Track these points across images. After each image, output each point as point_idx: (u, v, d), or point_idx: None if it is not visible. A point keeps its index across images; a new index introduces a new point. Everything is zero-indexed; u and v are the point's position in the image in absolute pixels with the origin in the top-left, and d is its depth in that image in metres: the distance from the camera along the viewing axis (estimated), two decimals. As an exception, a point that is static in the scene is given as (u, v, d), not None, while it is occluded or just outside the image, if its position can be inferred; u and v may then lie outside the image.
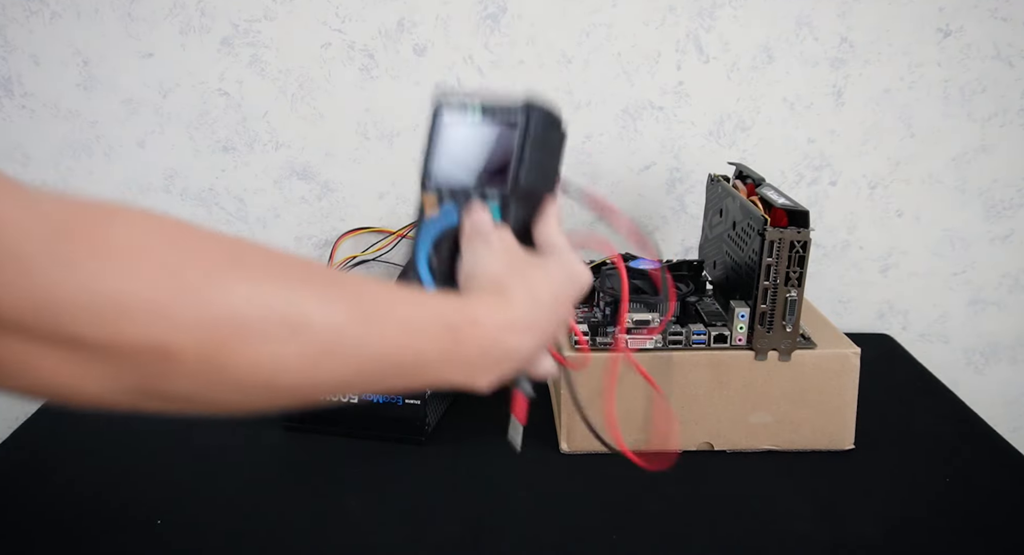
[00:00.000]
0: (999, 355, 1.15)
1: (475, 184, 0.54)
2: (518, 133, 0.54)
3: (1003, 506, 0.75)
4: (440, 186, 0.55)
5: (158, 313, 0.31)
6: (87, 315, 0.29)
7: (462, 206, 0.54)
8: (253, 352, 0.34)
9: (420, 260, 0.53)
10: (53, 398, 0.32)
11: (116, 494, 0.76)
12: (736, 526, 0.72)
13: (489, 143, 0.55)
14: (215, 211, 1.09)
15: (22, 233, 0.27)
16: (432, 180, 0.56)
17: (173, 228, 0.33)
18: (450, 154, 0.56)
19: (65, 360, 0.30)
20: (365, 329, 0.38)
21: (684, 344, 0.79)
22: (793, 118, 1.06)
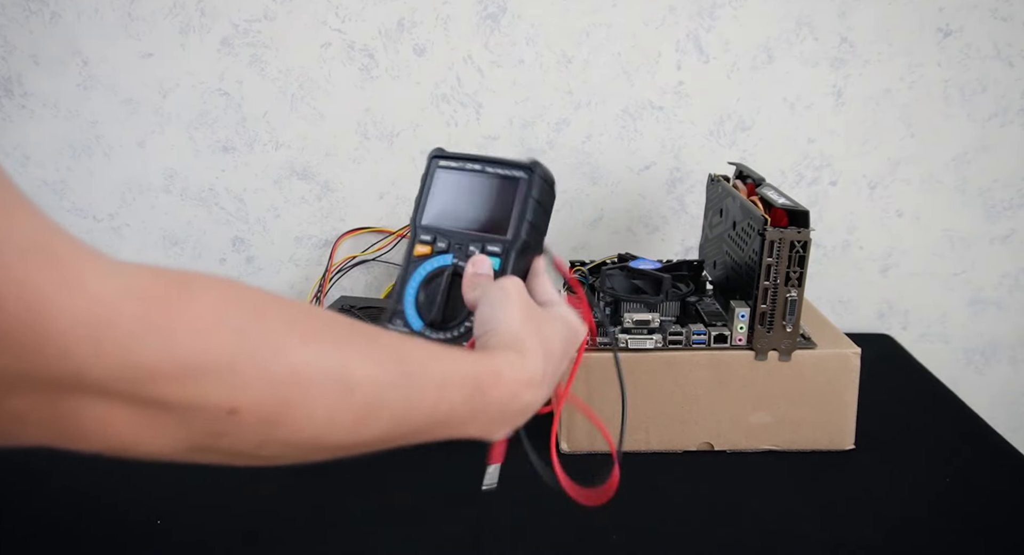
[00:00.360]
0: (999, 355, 1.15)
1: (474, 232, 0.56)
2: (522, 189, 0.56)
3: (1003, 506, 0.75)
4: (433, 229, 0.57)
5: (231, 375, 0.33)
6: (169, 378, 0.32)
7: (456, 251, 0.56)
8: (308, 411, 0.37)
9: (408, 296, 0.56)
10: (118, 453, 0.34)
11: (116, 494, 0.76)
12: (736, 526, 0.72)
13: (486, 194, 0.57)
14: (215, 211, 1.09)
15: (111, 306, 0.30)
16: (424, 222, 0.58)
17: (244, 295, 0.36)
18: (444, 199, 0.58)
19: (141, 419, 0.33)
20: (407, 386, 0.41)
21: (684, 344, 0.79)
22: (793, 118, 1.06)
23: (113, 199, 1.08)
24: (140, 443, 0.33)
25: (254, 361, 0.34)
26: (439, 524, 0.71)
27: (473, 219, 0.57)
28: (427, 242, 0.57)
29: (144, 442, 0.33)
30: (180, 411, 0.33)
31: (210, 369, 0.33)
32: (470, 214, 0.57)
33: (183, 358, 0.32)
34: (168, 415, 0.33)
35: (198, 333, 0.32)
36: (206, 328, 0.33)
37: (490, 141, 1.06)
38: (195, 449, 0.35)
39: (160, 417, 0.33)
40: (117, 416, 0.32)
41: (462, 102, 1.05)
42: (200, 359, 0.32)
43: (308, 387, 0.36)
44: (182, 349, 0.32)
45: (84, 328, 0.29)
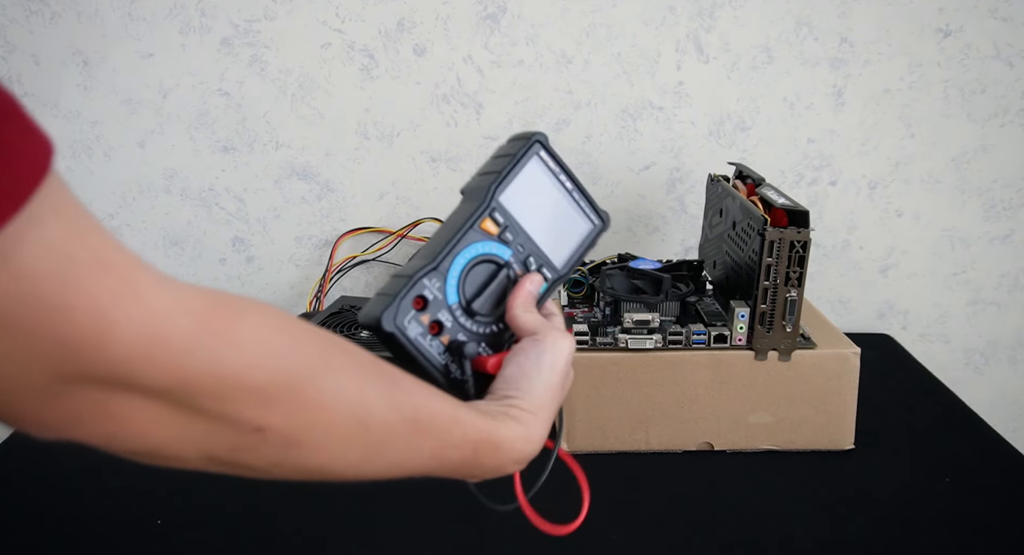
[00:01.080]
0: (999, 355, 1.15)
1: (537, 247, 0.55)
2: (589, 234, 0.58)
3: (1003, 506, 0.75)
4: (507, 214, 0.54)
5: (265, 396, 0.36)
6: (209, 391, 0.35)
7: (516, 252, 0.54)
8: (327, 440, 0.39)
9: (457, 264, 0.52)
10: (151, 455, 0.37)
11: (116, 494, 0.76)
12: (736, 526, 0.72)
13: (562, 217, 0.57)
14: (215, 211, 1.09)
15: (171, 323, 0.33)
16: (501, 199, 0.54)
17: (285, 322, 0.39)
18: (526, 191, 0.55)
19: (178, 425, 0.35)
20: (414, 435, 0.44)
21: (684, 344, 0.79)
22: (793, 118, 1.06)
23: (113, 199, 1.08)
24: (171, 446, 0.36)
25: (289, 385, 0.37)
26: (441, 522, 0.71)
27: (542, 232, 0.55)
28: (498, 223, 0.54)
29: (174, 445, 0.36)
30: (213, 422, 0.36)
31: (247, 388, 0.36)
32: (541, 225, 0.55)
33: (225, 375, 0.35)
34: (201, 424, 0.35)
35: (241, 354, 0.35)
36: (249, 350, 0.36)
37: (490, 141, 1.06)
38: (215, 460, 0.38)
39: (194, 425, 0.35)
40: (159, 419, 0.35)
41: (462, 102, 1.05)
42: (239, 378, 0.35)
43: (331, 417, 0.39)
44: (225, 366, 0.35)
45: (142, 339, 0.32)
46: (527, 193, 0.55)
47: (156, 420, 0.35)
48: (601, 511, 0.73)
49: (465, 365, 0.52)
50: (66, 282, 0.30)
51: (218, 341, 0.35)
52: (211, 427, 0.36)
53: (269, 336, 0.37)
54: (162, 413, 0.35)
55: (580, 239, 0.57)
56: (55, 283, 0.30)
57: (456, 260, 0.52)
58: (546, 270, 0.56)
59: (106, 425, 0.34)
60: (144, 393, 0.34)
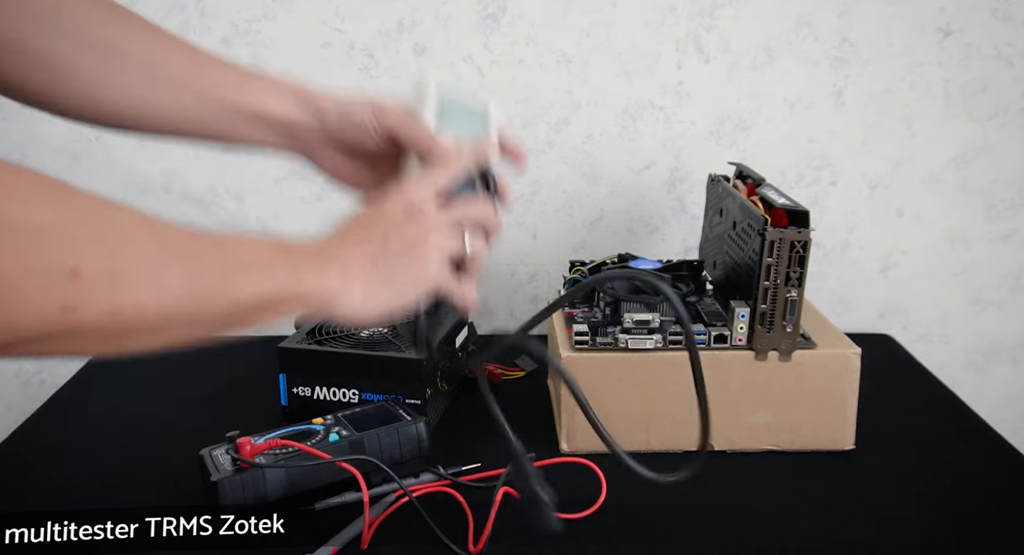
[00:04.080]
0: (1000, 355, 1.15)
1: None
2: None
3: (1003, 506, 0.75)
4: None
5: (65, 237, 0.37)
6: (4, 247, 0.34)
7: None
8: (141, 267, 0.40)
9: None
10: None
11: (115, 494, 0.76)
12: (736, 526, 0.72)
13: None
14: (215, 211, 1.09)
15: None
16: None
17: (48, 177, 0.38)
18: None
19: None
20: (219, 245, 0.46)
21: (684, 344, 0.79)
22: (793, 118, 1.06)
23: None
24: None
25: (86, 222, 0.38)
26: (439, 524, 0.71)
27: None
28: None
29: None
30: (25, 279, 0.35)
31: (44, 229, 0.36)
32: None
33: (14, 223, 0.35)
34: (14, 290, 0.35)
35: (27, 200, 0.36)
36: (35, 195, 0.36)
37: (490, 141, 1.06)
38: (49, 336, 0.37)
39: (8, 296, 0.34)
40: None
41: (462, 102, 1.05)
42: (32, 221, 0.35)
43: (139, 243, 0.40)
44: (13, 216, 0.35)
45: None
46: None
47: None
48: (601, 511, 0.73)
49: None
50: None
51: (5, 194, 0.35)
52: (27, 289, 0.35)
53: (38, 179, 0.37)
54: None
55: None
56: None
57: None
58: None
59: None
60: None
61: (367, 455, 0.73)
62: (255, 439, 0.73)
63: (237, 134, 0.61)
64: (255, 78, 0.62)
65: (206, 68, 0.60)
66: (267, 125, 0.61)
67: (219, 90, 0.59)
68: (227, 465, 0.71)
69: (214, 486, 0.69)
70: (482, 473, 0.77)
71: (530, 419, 0.88)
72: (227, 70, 0.61)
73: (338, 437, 0.75)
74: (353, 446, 0.74)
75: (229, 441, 0.72)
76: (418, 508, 0.70)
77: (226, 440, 0.73)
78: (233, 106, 0.59)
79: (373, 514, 0.70)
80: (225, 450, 0.72)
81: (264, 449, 0.72)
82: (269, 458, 0.72)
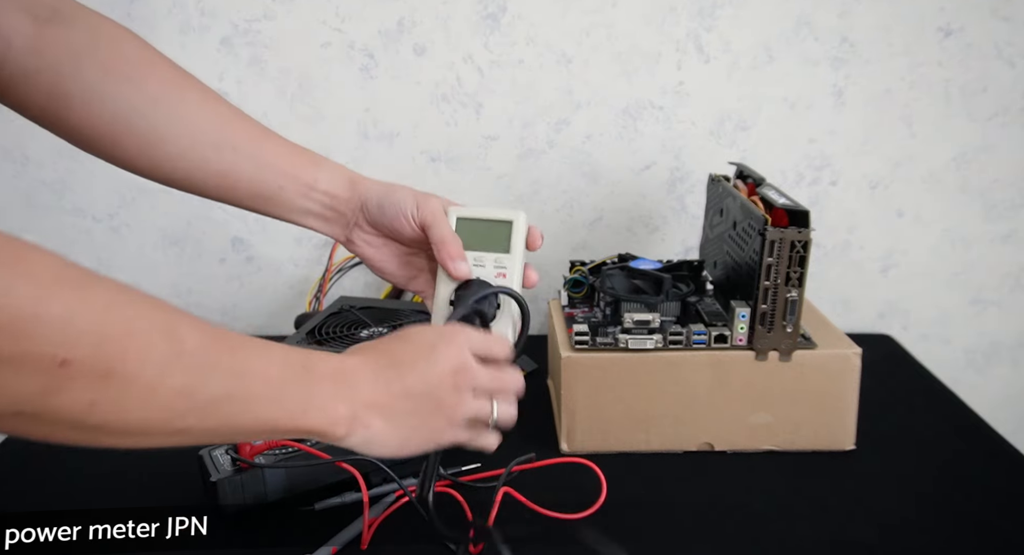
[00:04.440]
0: (1000, 355, 1.15)
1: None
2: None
3: (1003, 506, 0.75)
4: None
5: (61, 327, 0.36)
6: (6, 328, 0.34)
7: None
8: (140, 364, 0.39)
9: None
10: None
11: (115, 494, 0.76)
12: (736, 526, 0.72)
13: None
14: (215, 211, 1.09)
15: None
16: None
17: (67, 262, 0.38)
18: None
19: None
20: (232, 355, 0.43)
21: (684, 344, 0.79)
22: (793, 118, 1.06)
23: (113, 199, 1.08)
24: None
25: (87, 314, 0.37)
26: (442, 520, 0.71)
27: None
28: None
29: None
30: (11, 363, 0.34)
31: (45, 320, 0.35)
32: None
33: (19, 309, 0.34)
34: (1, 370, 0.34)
35: (36, 286, 0.35)
36: (43, 278, 0.35)
37: (490, 141, 1.06)
38: (23, 414, 0.36)
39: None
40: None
41: (462, 102, 1.05)
42: (36, 310, 0.35)
43: (140, 342, 0.39)
44: (19, 300, 0.34)
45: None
46: None
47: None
48: (601, 511, 0.73)
49: None
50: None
51: (7, 271, 0.34)
52: (11, 371, 0.34)
53: (61, 267, 0.37)
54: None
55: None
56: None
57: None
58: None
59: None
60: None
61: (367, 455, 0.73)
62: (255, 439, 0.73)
63: (285, 201, 0.64)
64: (312, 157, 0.65)
65: (270, 140, 0.64)
66: (314, 197, 0.64)
67: (277, 159, 0.63)
68: (227, 465, 0.71)
69: (214, 486, 0.69)
70: (482, 473, 0.77)
71: (530, 419, 0.88)
72: (289, 146, 0.64)
73: (338, 437, 0.75)
74: (353, 446, 0.74)
75: (229, 441, 0.72)
76: (418, 508, 0.70)
77: None
78: (288, 174, 0.63)
79: (373, 514, 0.70)
80: (225, 450, 0.72)
81: (264, 449, 0.72)
82: (269, 458, 0.71)
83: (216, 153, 0.62)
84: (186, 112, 0.61)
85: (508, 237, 0.64)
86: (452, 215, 0.64)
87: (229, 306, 1.13)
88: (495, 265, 0.63)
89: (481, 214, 0.64)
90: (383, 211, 0.63)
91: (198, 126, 0.61)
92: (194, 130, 0.61)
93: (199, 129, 0.61)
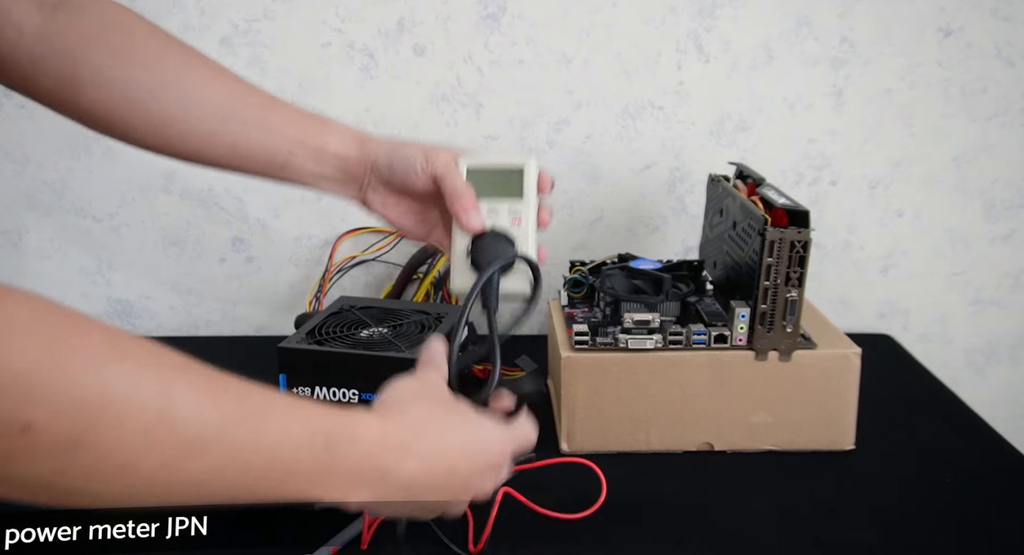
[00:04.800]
0: (999, 355, 1.15)
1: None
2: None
3: (1003, 506, 0.75)
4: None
5: (28, 387, 0.31)
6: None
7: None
8: (118, 436, 0.34)
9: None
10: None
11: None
12: (736, 526, 0.72)
13: None
14: (215, 211, 1.09)
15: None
16: None
17: (59, 311, 0.34)
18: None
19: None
20: (241, 427, 0.38)
21: (684, 344, 0.79)
22: (793, 118, 1.06)
23: (113, 199, 1.08)
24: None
25: (56, 374, 0.32)
26: (439, 523, 0.71)
27: None
28: None
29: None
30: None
31: (5, 379, 0.31)
32: None
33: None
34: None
35: (8, 340, 0.31)
36: (21, 336, 0.31)
37: (490, 141, 1.06)
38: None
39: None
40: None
41: (462, 102, 1.05)
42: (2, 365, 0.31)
43: (119, 410, 0.34)
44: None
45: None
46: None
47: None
48: (601, 511, 0.73)
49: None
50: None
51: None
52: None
53: (36, 322, 0.32)
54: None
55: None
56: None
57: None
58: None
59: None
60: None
61: None
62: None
63: (297, 167, 0.64)
64: (319, 120, 0.66)
65: (277, 108, 0.64)
66: (326, 160, 0.64)
67: (285, 126, 0.63)
68: (227, 465, 0.71)
69: (214, 486, 0.69)
70: (482, 473, 0.77)
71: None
72: (296, 112, 0.65)
73: (338, 437, 0.75)
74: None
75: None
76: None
77: None
78: (297, 140, 0.63)
79: (373, 514, 0.70)
80: (225, 450, 0.72)
81: (264, 449, 0.72)
82: (269, 458, 0.71)
83: (224, 126, 0.62)
84: (195, 91, 0.62)
85: (520, 183, 0.64)
86: (463, 165, 0.64)
87: (229, 306, 1.13)
88: (509, 212, 0.64)
89: (492, 163, 0.65)
90: (393, 168, 0.63)
91: (208, 102, 0.62)
92: (204, 106, 0.62)
93: (209, 105, 0.62)
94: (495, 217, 0.63)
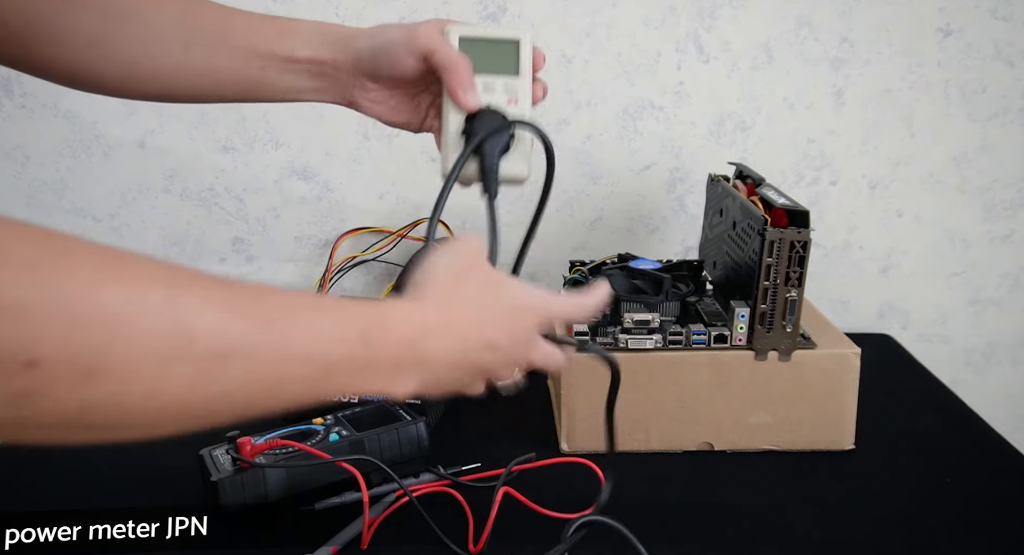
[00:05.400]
0: (999, 355, 1.15)
1: None
2: None
3: (1003, 506, 0.75)
4: None
5: (19, 320, 0.29)
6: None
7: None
8: (133, 361, 0.32)
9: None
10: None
11: (115, 494, 0.76)
12: (736, 526, 0.72)
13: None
14: (215, 211, 1.09)
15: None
16: None
17: (43, 234, 0.32)
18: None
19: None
20: (267, 335, 0.36)
21: (684, 344, 0.79)
22: (793, 118, 1.06)
23: (113, 199, 1.08)
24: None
25: (52, 303, 0.29)
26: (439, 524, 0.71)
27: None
28: None
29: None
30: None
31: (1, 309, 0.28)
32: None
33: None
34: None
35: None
36: (7, 263, 0.29)
37: (490, 141, 1.06)
38: (7, 422, 0.30)
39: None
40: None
41: (462, 102, 1.05)
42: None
43: (129, 332, 0.31)
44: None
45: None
46: None
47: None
48: (600, 511, 0.73)
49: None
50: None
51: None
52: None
53: (15, 247, 0.30)
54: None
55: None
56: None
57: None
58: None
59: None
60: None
61: (367, 455, 0.73)
62: (255, 439, 0.73)
63: (271, 83, 0.59)
64: (283, 25, 0.60)
65: (235, 21, 0.59)
66: (299, 69, 0.59)
67: (248, 40, 0.58)
68: (227, 465, 0.71)
69: (214, 486, 0.69)
70: (482, 473, 0.77)
71: (530, 419, 0.88)
72: (256, 21, 0.60)
73: (338, 437, 0.75)
74: (353, 446, 0.74)
75: (229, 441, 0.72)
76: (418, 508, 0.70)
77: (226, 440, 0.73)
78: (264, 53, 0.58)
79: (373, 514, 0.70)
80: (225, 450, 0.72)
81: (264, 449, 0.72)
82: (269, 458, 0.72)
83: (187, 54, 0.57)
84: (150, 20, 0.57)
85: (516, 58, 0.59)
86: (453, 34, 0.58)
87: (229, 306, 1.13)
88: (505, 90, 0.59)
89: (486, 33, 0.59)
90: (377, 57, 0.58)
91: (165, 29, 0.57)
92: (163, 35, 0.57)
93: (167, 33, 0.57)
94: (490, 95, 0.58)
